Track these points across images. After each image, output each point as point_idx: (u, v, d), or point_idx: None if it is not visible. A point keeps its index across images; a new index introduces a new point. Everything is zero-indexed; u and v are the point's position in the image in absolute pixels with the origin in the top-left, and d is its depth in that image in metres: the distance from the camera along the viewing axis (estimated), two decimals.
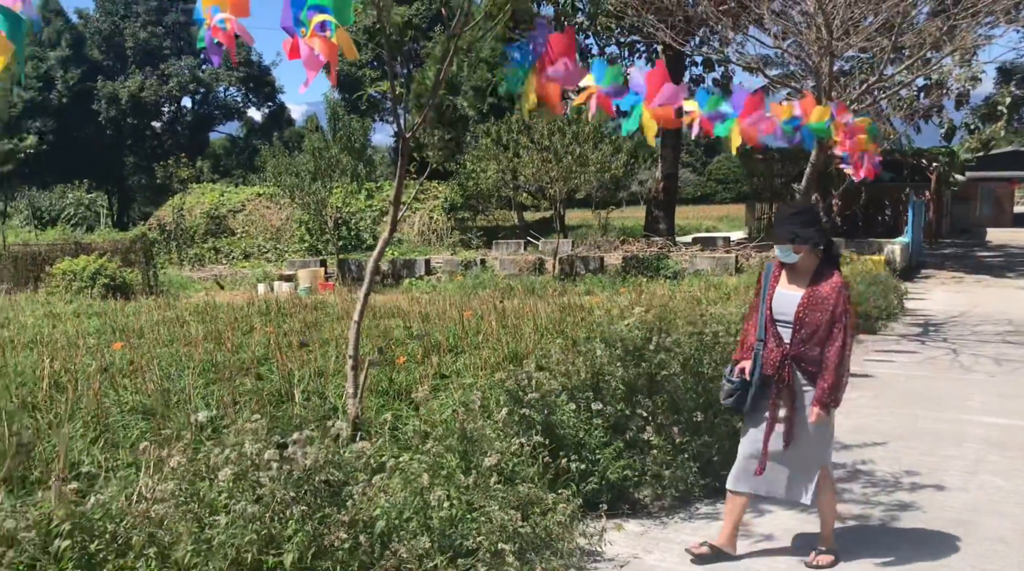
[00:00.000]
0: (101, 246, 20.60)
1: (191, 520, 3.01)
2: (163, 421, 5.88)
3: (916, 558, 4.30)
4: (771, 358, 4.17)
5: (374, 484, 3.45)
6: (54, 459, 4.88)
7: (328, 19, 4.19)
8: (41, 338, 10.04)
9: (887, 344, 11.18)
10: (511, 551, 3.40)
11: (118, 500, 3.18)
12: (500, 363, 7.85)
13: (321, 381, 7.08)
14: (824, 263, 4.21)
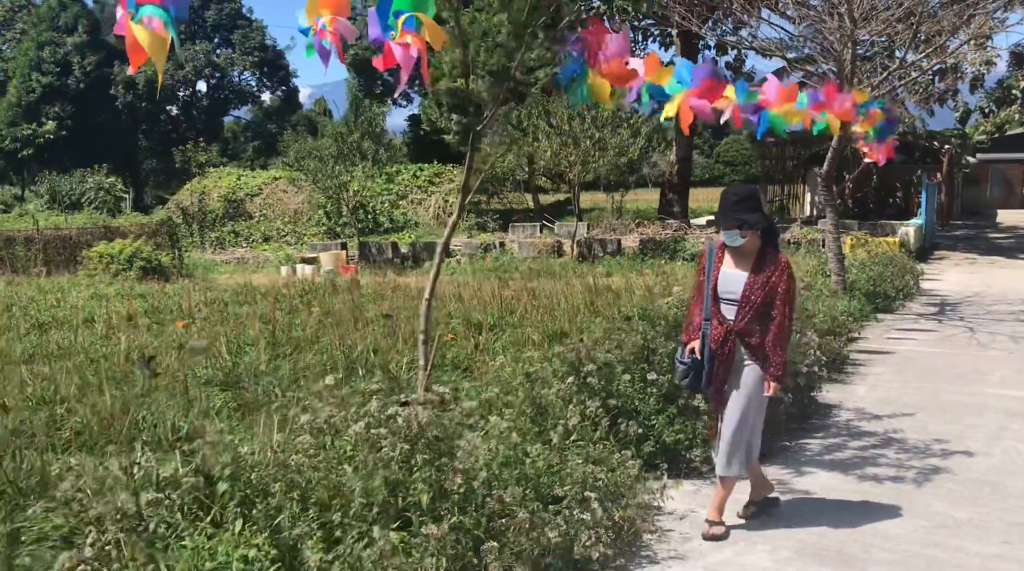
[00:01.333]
0: (129, 230, 21.03)
1: (324, 469, 3.44)
2: (240, 392, 6.33)
3: (951, 513, 4.71)
4: (715, 334, 4.35)
5: (470, 441, 3.87)
6: (157, 424, 5.33)
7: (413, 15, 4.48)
8: (95, 317, 10.51)
9: (906, 323, 11.56)
10: (595, 498, 3.83)
11: (256, 453, 3.61)
12: (541, 341, 8.29)
13: (377, 356, 7.53)
14: (767, 244, 4.38)
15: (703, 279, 4.50)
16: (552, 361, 5.76)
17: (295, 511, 3.30)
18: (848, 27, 10.31)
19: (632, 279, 14.56)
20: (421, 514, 3.26)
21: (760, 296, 4.27)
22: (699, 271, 4.58)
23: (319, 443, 3.59)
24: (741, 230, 4.28)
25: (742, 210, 4.30)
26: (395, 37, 4.46)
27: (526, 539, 3.41)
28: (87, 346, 8.38)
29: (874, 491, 5.07)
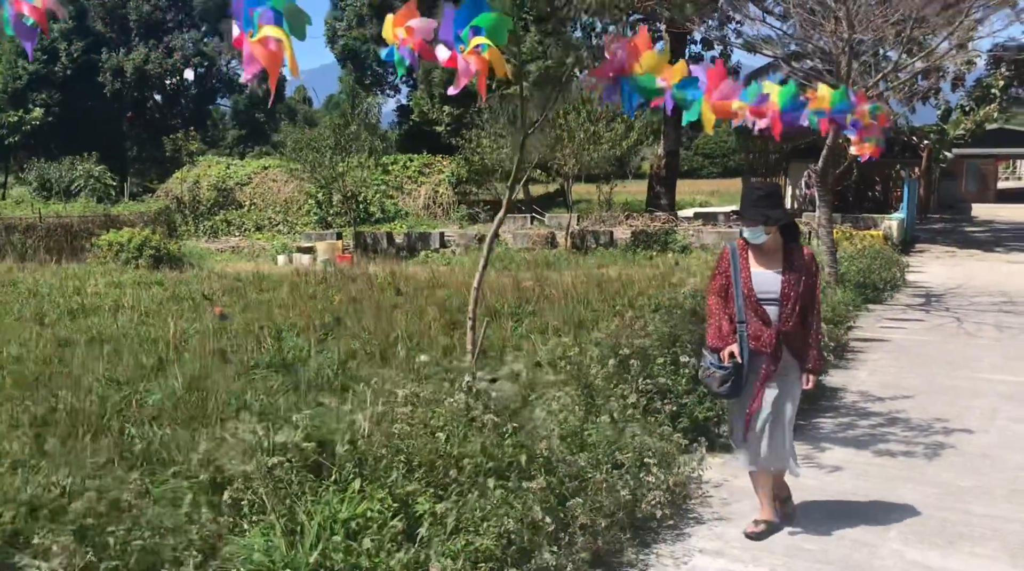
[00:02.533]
0: (128, 218, 21.26)
1: (425, 435, 3.91)
2: (294, 374, 6.76)
3: (958, 482, 5.26)
4: (765, 338, 4.24)
5: (538, 414, 4.35)
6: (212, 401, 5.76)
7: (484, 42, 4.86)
8: (121, 305, 10.86)
9: (895, 313, 12.16)
10: (653, 464, 4.33)
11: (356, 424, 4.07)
12: (561, 327, 8.78)
13: (413, 341, 7.98)
14: (789, 239, 4.36)
15: (723, 282, 4.41)
16: (591, 346, 6.24)
17: (402, 471, 3.76)
18: (846, 32, 10.85)
19: (635, 271, 15.08)
20: (520, 472, 3.73)
21: (798, 291, 4.25)
22: (718, 274, 4.47)
23: (417, 414, 4.04)
24: (766, 226, 4.24)
25: (767, 206, 4.26)
26: (463, 50, 4.88)
27: (602, 496, 3.89)
28: (129, 330, 8.75)
29: (887, 464, 5.61)
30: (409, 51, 4.53)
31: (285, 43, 3.95)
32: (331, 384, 6.46)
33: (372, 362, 7.23)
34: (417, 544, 3.38)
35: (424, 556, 3.28)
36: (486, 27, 4.82)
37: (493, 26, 4.84)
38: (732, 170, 70.22)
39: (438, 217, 31.96)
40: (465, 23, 4.87)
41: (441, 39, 4.91)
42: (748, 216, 4.30)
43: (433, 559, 3.20)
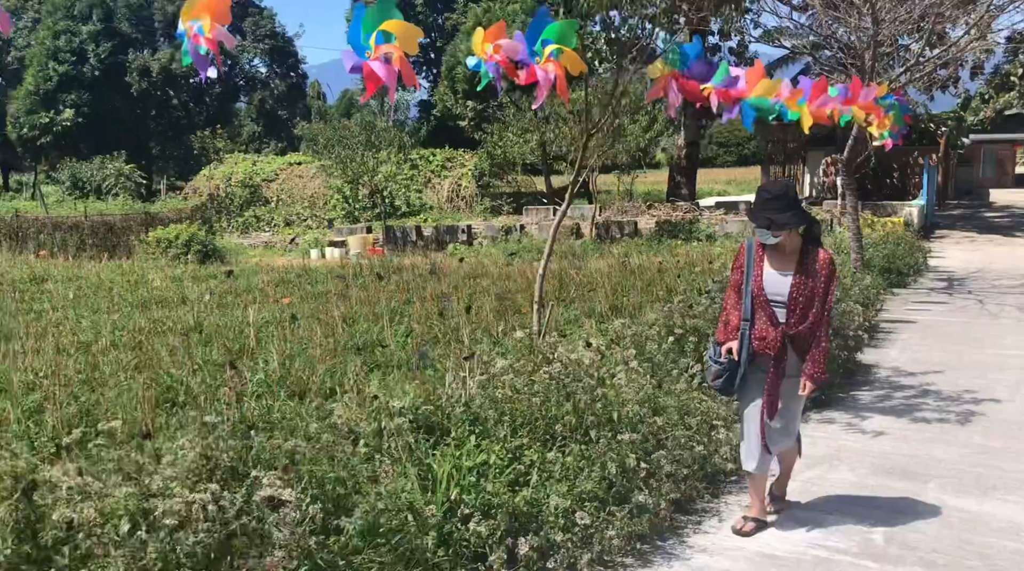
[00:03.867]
0: (167, 216, 21.95)
1: (525, 399, 4.50)
2: (372, 354, 7.37)
3: (988, 443, 5.81)
4: (770, 339, 4.18)
5: (618, 381, 4.93)
6: (324, 380, 6.36)
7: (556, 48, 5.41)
8: (185, 297, 11.49)
9: (919, 296, 12.67)
10: (721, 426, 4.90)
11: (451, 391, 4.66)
12: (607, 313, 9.35)
13: (472, 326, 8.56)
14: (808, 241, 4.23)
15: (739, 277, 4.35)
16: (644, 327, 6.81)
17: (509, 430, 4.36)
18: (871, 28, 11.33)
19: (663, 260, 15.61)
20: (610, 428, 4.32)
21: (807, 297, 4.16)
22: (735, 269, 4.44)
23: (514, 382, 4.64)
24: (770, 230, 4.13)
25: (772, 209, 4.12)
26: (539, 62, 5.43)
27: (680, 450, 4.47)
28: (204, 320, 9.37)
29: (922, 429, 6.16)
30: (495, 66, 5.09)
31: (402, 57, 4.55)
32: (407, 363, 7.06)
33: (439, 344, 7.83)
34: (531, 488, 3.96)
35: (542, 495, 3.87)
36: (554, 37, 5.37)
37: (561, 33, 5.40)
38: (747, 159, 70.26)
39: (461, 210, 32.56)
40: (535, 39, 5.41)
41: (519, 60, 5.45)
42: (753, 219, 4.23)
43: (552, 497, 3.78)
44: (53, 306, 10.62)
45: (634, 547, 3.97)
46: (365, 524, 3.09)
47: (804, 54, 18.68)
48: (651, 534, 4.11)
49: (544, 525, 3.79)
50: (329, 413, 4.24)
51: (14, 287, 12.24)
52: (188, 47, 3.83)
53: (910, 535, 4.33)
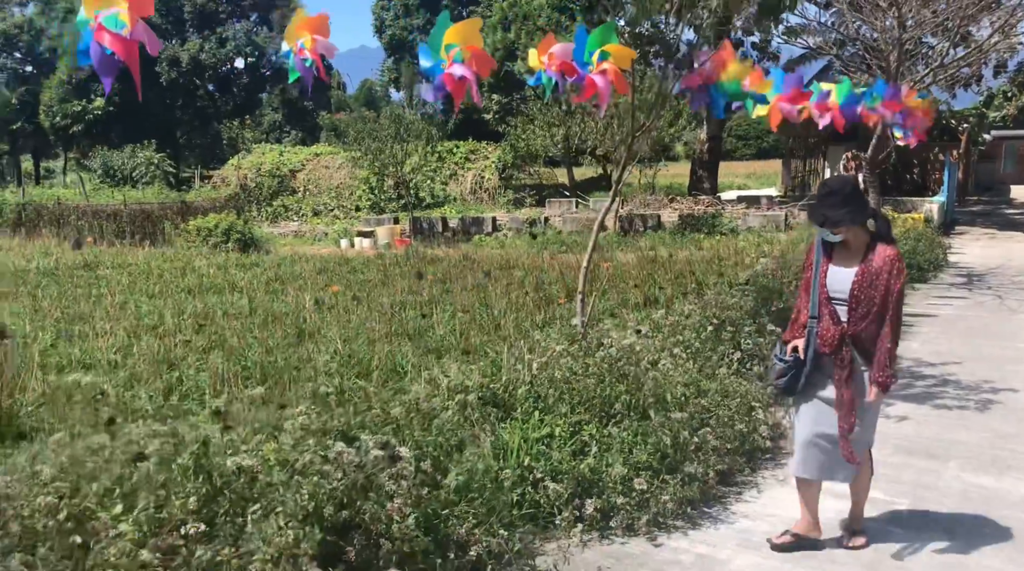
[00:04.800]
0: (202, 205, 22.53)
1: (581, 380, 4.98)
2: (423, 340, 7.87)
3: (1005, 429, 6.23)
4: (828, 337, 4.06)
5: (663, 367, 5.39)
6: (373, 359, 6.86)
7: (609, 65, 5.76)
8: (234, 284, 12.03)
9: (940, 291, 13.03)
10: (760, 407, 5.37)
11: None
12: (639, 304, 9.81)
13: (514, 315, 9.05)
14: (876, 237, 4.09)
15: (810, 275, 4.25)
16: (681, 317, 7.27)
17: (569, 407, 4.84)
18: (896, 30, 11.70)
19: (688, 253, 16.04)
20: (663, 408, 4.80)
21: (870, 295, 3.99)
22: (806, 266, 4.33)
23: (572, 365, 5.12)
24: (824, 227, 4.05)
25: (827, 206, 4.01)
26: (592, 70, 5.85)
27: (724, 428, 4.94)
28: (258, 306, 9.90)
29: (943, 415, 6.60)
30: (559, 75, 5.53)
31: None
32: (457, 348, 7.55)
33: (484, 332, 8.31)
34: (592, 457, 4.44)
35: (603, 464, 4.35)
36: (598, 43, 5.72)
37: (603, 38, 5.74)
38: (766, 152, 70.08)
39: (484, 202, 33.00)
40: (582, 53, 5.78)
41: (573, 62, 5.87)
42: (809, 217, 4.15)
43: (615, 466, 4.26)
44: (111, 291, 11.17)
45: (684, 511, 4.44)
46: (460, 482, 3.58)
47: (827, 53, 18.95)
48: (699, 501, 4.58)
49: (606, 490, 4.27)
50: (406, 390, 4.71)
51: (70, 273, 12.83)
52: (295, 63, 4.26)
53: (932, 507, 4.78)
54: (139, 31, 3.23)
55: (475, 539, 3.36)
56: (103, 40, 3.20)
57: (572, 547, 3.92)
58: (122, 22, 3.29)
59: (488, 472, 3.91)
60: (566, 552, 3.82)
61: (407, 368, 6.66)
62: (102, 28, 3.20)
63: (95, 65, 3.27)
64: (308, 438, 3.18)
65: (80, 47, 3.25)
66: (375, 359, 6.81)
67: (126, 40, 3.21)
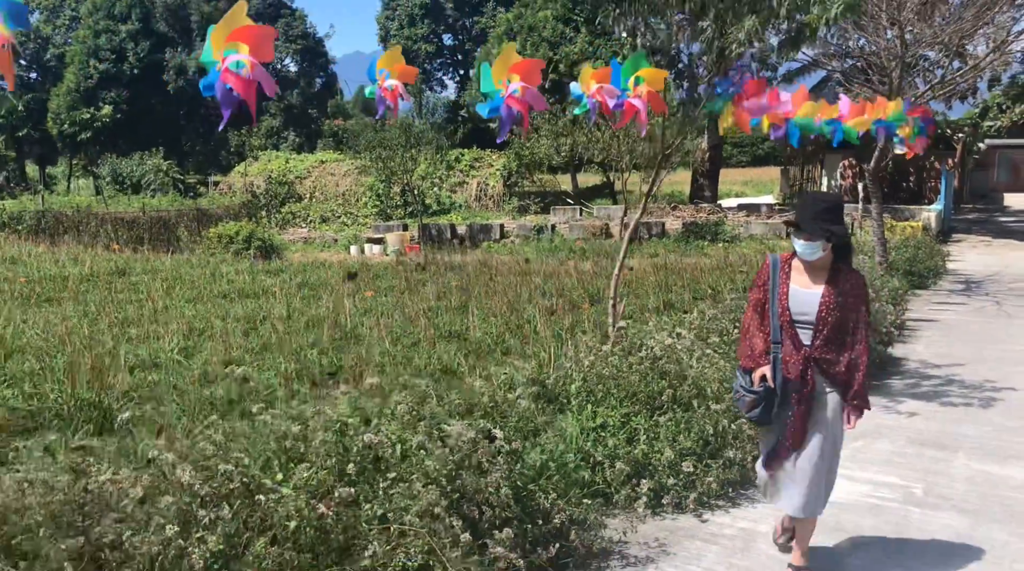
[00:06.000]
0: (216, 212, 23.02)
1: (626, 376, 5.51)
2: (464, 341, 8.39)
3: (1007, 423, 6.78)
4: (791, 362, 3.89)
5: (697, 364, 5.93)
6: (425, 361, 7.38)
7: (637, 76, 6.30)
8: (265, 289, 12.53)
9: (940, 297, 13.62)
10: None
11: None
12: (660, 308, 10.36)
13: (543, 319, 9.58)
14: (839, 257, 3.92)
15: (761, 296, 4.05)
16: (708, 320, 7.81)
17: (617, 400, 5.37)
18: (897, 48, 12.29)
19: (694, 260, 16.60)
20: (703, 400, 5.34)
21: (838, 317, 3.85)
22: (756, 287, 4.11)
23: (615, 363, 5.65)
24: (829, 242, 3.83)
25: (832, 220, 3.82)
26: (630, 95, 6.37)
27: None
28: (295, 310, 10.41)
29: (949, 411, 7.15)
30: (595, 103, 6.04)
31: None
32: (494, 350, 8.08)
33: (516, 335, 8.84)
34: (643, 444, 4.98)
35: (653, 450, 4.88)
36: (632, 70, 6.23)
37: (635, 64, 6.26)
38: (761, 159, 70.66)
39: (489, 209, 33.59)
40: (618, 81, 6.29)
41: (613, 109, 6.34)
42: (809, 230, 3.82)
43: (665, 451, 4.80)
44: (151, 297, 11.67)
45: (726, 492, 4.98)
46: (541, 461, 4.11)
47: (826, 66, 19.57)
48: (739, 483, 5.11)
49: (657, 472, 4.80)
50: (467, 384, 5.24)
51: (104, 280, 13.32)
52: (376, 92, 4.91)
53: (944, 490, 5.32)
54: (258, 74, 3.71)
55: (559, 508, 3.89)
56: (228, 80, 3.70)
57: (634, 520, 4.45)
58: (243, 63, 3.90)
59: (560, 455, 4.44)
60: (632, 523, 4.36)
61: (456, 367, 7.20)
62: (228, 71, 3.70)
63: (219, 98, 3.79)
64: (415, 422, 3.71)
65: (205, 82, 3.81)
66: (426, 358, 7.33)
67: (247, 81, 3.71)
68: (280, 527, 2.88)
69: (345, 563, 2.91)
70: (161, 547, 2.60)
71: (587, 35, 29.23)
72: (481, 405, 4.43)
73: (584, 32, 29.39)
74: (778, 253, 4.13)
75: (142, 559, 2.57)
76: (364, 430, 3.52)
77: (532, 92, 5.37)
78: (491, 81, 5.39)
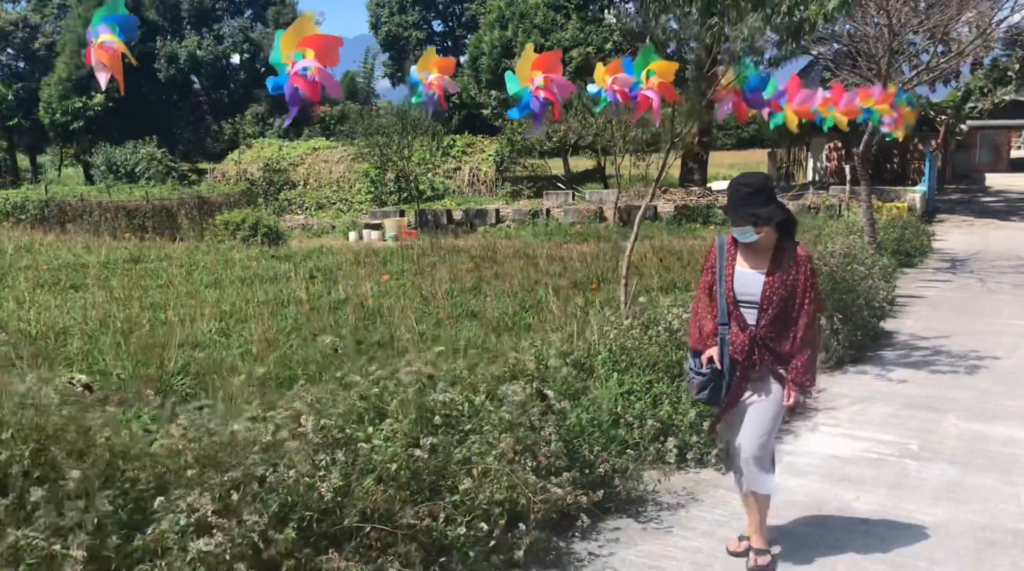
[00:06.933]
0: (216, 200, 23.37)
1: (645, 348, 6.05)
2: (486, 321, 8.89)
3: (992, 388, 7.36)
4: (738, 342, 3.95)
5: None
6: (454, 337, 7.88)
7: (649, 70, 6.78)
8: (280, 275, 12.98)
9: (926, 275, 14.24)
10: None
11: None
12: (664, 288, 10.89)
13: (556, 298, 10.09)
14: (783, 236, 3.97)
15: (710, 279, 4.10)
16: None
17: (639, 369, 5.90)
18: (887, 37, 12.83)
19: (690, 243, 17.15)
20: None
21: (781, 296, 3.88)
22: (705, 269, 4.17)
23: (636, 336, 6.18)
24: (756, 226, 3.86)
25: (756, 203, 3.85)
26: (643, 87, 6.85)
27: None
28: (316, 295, 10.88)
29: (938, 378, 7.73)
30: (614, 95, 6.50)
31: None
32: (512, 327, 8.59)
33: (531, 314, 9.35)
34: (667, 406, 5.51)
35: (676, 412, 5.42)
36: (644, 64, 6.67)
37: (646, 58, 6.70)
38: (746, 142, 71.24)
39: (482, 194, 34.01)
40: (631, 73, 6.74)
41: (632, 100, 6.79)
42: (735, 216, 3.91)
43: (689, 413, 5.34)
44: (170, 282, 12.11)
45: None
46: (584, 419, 4.64)
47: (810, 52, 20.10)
48: None
49: (680, 431, 5.34)
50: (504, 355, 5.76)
51: (122, 267, 13.73)
52: (423, 92, 5.37)
53: (936, 445, 5.90)
54: (323, 77, 4.09)
55: (602, 460, 4.43)
56: (296, 82, 4.10)
57: (665, 472, 4.99)
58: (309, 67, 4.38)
59: (597, 415, 4.97)
60: (664, 474, 4.90)
61: (482, 343, 7.70)
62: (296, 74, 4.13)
63: (287, 98, 4.24)
64: (476, 384, 4.22)
65: (273, 82, 4.23)
66: (452, 335, 7.84)
67: (313, 83, 4.11)
68: (383, 469, 3.39)
69: (437, 498, 3.43)
70: (295, 481, 3.12)
71: (578, 22, 29.63)
72: (529, 371, 4.96)
73: (575, 19, 29.79)
74: (725, 235, 4.14)
75: (282, 490, 3.09)
76: (440, 389, 4.03)
77: (557, 80, 5.83)
78: (518, 83, 5.86)
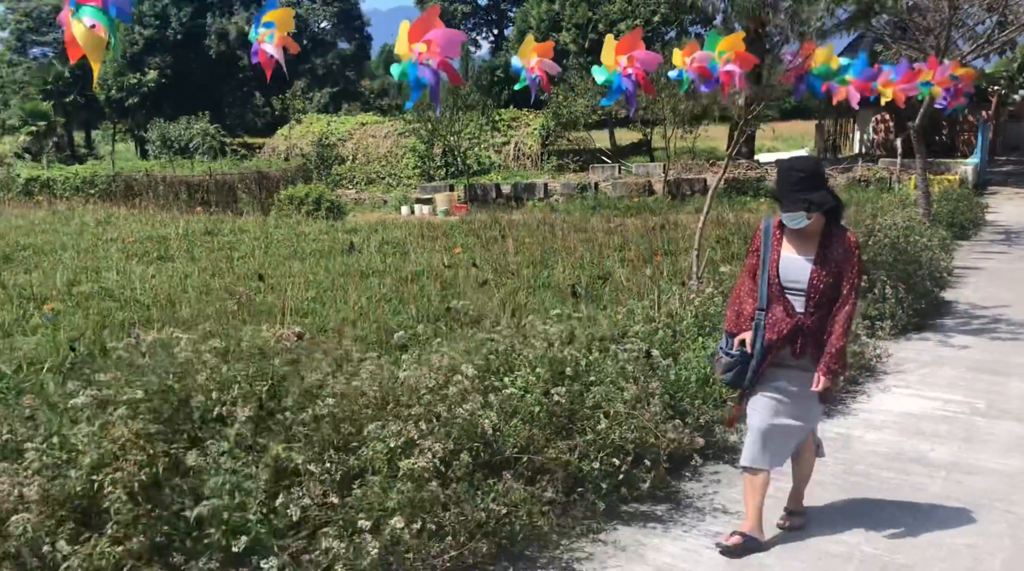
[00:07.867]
0: (275, 174, 24.05)
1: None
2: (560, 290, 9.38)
3: None
4: (782, 328, 3.91)
5: None
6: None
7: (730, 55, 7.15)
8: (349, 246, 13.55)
9: (982, 247, 14.42)
10: (867, 337, 6.87)
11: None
12: (726, 259, 11.27)
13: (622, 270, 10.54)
14: (832, 222, 3.93)
15: (755, 262, 4.07)
16: None
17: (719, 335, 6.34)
18: (947, 11, 12.96)
19: (744, 216, 17.43)
20: None
21: (829, 283, 3.87)
22: (750, 252, 4.13)
23: (720, 302, 6.63)
24: (808, 212, 3.82)
25: (808, 188, 3.81)
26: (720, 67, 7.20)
27: None
28: (387, 266, 11.43)
29: (999, 345, 8.07)
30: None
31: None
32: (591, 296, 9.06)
33: (600, 284, 9.80)
34: None
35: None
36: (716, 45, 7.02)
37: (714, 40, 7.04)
38: (789, 113, 70.23)
39: (527, 167, 34.37)
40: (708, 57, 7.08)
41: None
42: (787, 201, 3.86)
43: None
44: (251, 255, 12.74)
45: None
46: (684, 376, 5.15)
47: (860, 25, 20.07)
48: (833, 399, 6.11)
49: None
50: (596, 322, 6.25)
51: (200, 239, 14.42)
52: (526, 76, 5.84)
53: (1004, 405, 6.29)
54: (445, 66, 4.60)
55: (701, 411, 4.92)
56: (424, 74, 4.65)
57: None
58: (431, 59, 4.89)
59: (692, 372, 5.46)
60: None
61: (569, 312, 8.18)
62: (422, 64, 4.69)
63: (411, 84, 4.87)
64: (589, 342, 4.73)
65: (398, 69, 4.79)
66: (535, 303, 8.34)
67: (434, 71, 4.65)
68: (526, 412, 3.91)
69: (573, 438, 3.94)
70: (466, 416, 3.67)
71: None
72: (633, 332, 5.44)
73: None
74: (771, 218, 4.11)
75: (451, 424, 3.63)
76: (559, 347, 4.55)
77: (641, 57, 6.17)
78: (604, 71, 6.22)
